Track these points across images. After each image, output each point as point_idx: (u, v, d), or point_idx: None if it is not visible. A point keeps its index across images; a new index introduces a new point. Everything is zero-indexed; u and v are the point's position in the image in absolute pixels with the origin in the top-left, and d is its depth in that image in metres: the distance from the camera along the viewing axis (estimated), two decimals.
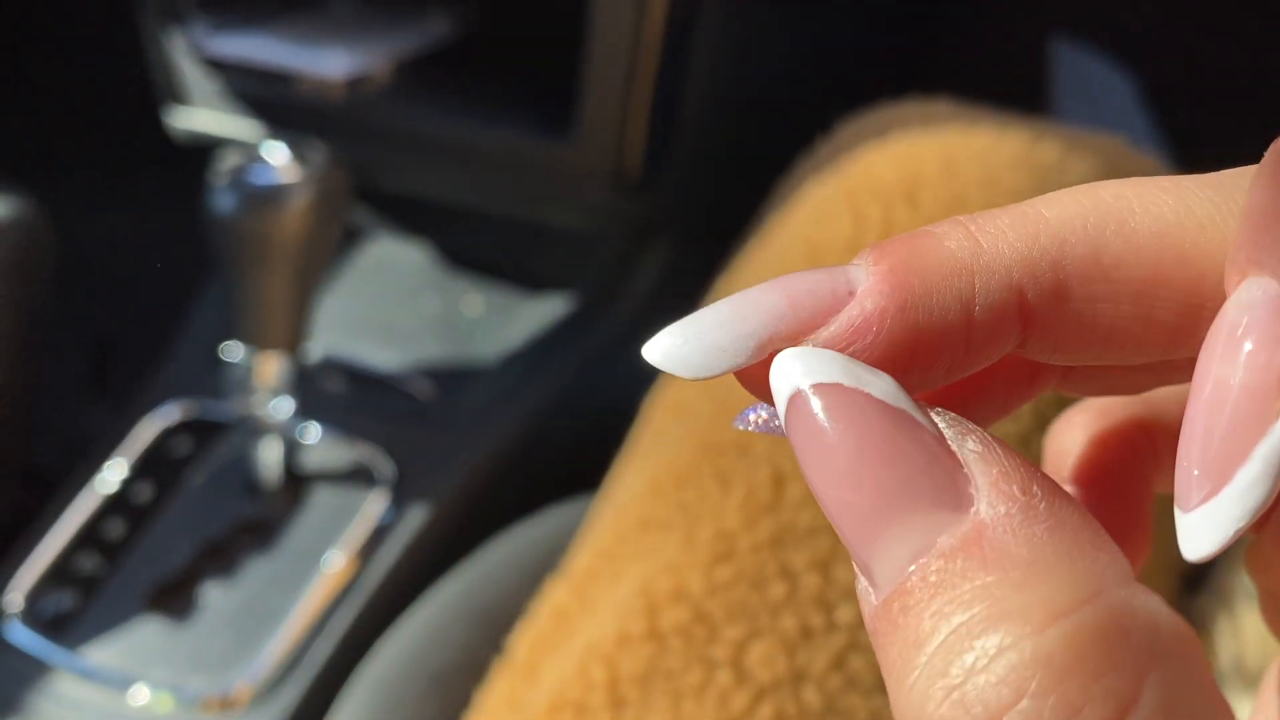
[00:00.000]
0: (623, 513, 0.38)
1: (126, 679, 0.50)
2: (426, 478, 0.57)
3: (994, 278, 0.15)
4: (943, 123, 0.44)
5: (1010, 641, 0.13)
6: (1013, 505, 0.14)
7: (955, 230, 0.15)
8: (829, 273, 0.16)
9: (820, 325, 0.15)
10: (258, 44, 0.59)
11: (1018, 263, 0.15)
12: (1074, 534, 0.14)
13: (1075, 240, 0.15)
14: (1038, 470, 0.14)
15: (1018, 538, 0.13)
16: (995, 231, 0.15)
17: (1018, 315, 0.15)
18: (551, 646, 0.37)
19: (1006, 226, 0.15)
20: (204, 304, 0.66)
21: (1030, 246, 0.15)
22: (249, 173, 0.50)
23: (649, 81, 0.54)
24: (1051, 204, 0.16)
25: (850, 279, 0.16)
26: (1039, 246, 0.15)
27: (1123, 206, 0.16)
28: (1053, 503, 0.14)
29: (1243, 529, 0.14)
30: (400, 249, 0.73)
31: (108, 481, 0.58)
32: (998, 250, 0.15)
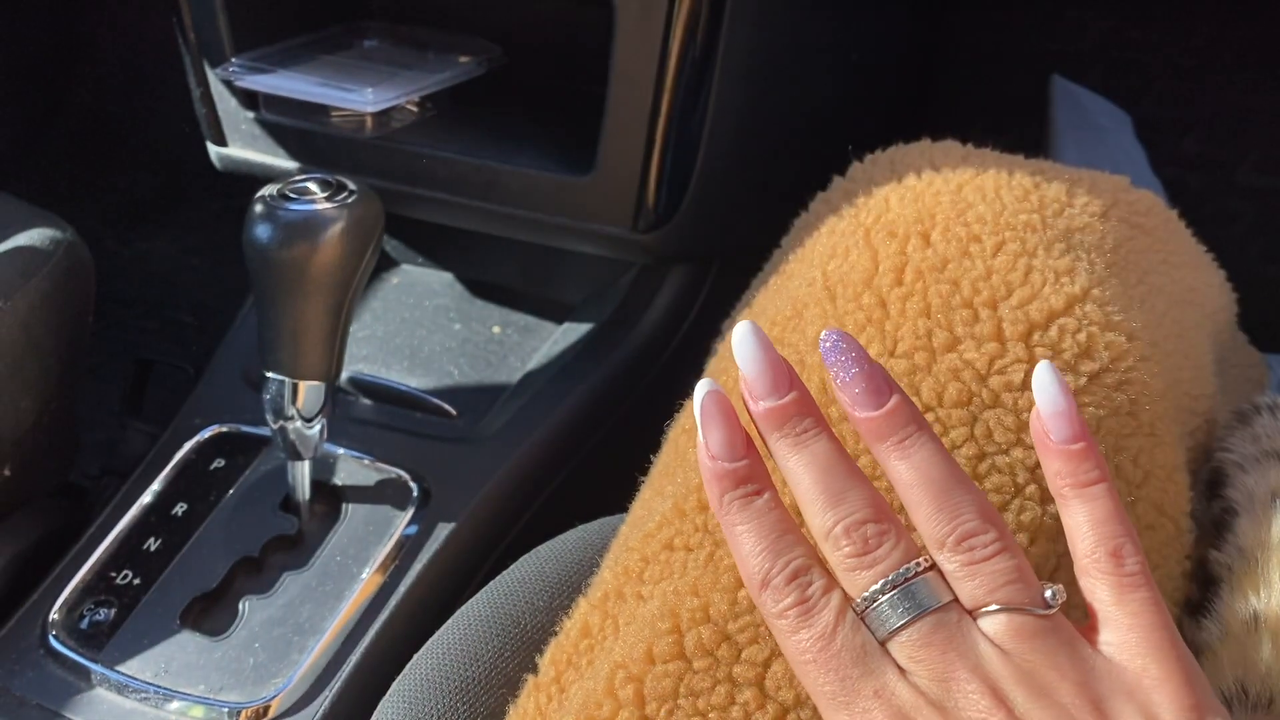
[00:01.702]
0: (648, 535, 0.39)
1: (162, 691, 0.52)
2: (454, 496, 0.59)
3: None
4: (953, 162, 0.45)
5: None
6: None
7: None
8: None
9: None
10: (291, 81, 0.61)
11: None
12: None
13: None
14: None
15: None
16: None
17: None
18: (579, 665, 0.39)
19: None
20: (240, 329, 0.69)
21: None
22: (285, 204, 0.52)
23: (668, 121, 0.56)
24: None
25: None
26: None
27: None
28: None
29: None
30: (427, 275, 0.75)
31: (145, 499, 0.60)
32: None
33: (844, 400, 0.30)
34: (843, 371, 0.30)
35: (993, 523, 0.28)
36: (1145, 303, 0.43)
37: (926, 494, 0.29)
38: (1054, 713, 0.25)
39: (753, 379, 0.30)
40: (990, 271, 0.40)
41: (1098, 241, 0.43)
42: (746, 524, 0.29)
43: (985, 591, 0.27)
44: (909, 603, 0.27)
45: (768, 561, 0.29)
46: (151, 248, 1.11)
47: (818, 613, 0.28)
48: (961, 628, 0.27)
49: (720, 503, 0.30)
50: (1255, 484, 0.39)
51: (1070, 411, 0.30)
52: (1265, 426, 0.41)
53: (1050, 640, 0.27)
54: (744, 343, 0.30)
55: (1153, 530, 0.37)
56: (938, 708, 0.26)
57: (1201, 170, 0.95)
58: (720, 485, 0.30)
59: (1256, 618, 0.34)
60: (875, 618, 0.28)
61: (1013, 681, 0.26)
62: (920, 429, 0.29)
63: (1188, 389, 0.43)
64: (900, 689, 0.27)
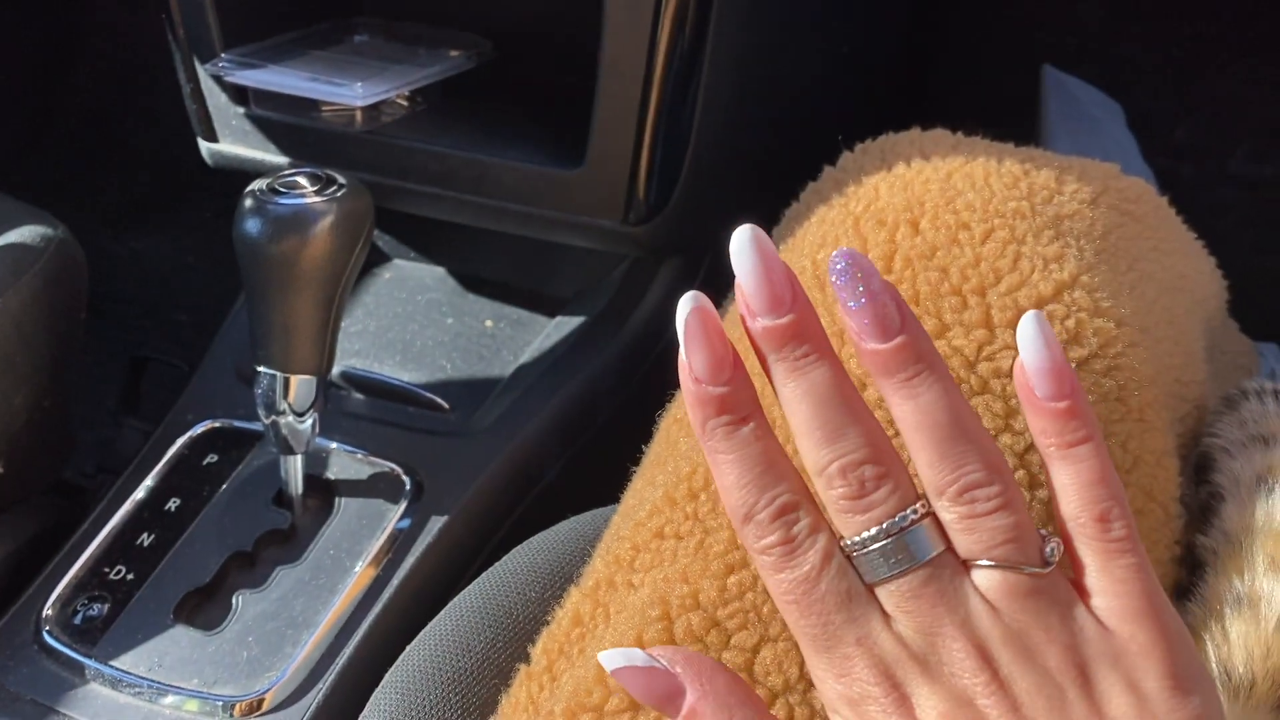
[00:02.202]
0: (639, 524, 0.39)
1: (156, 685, 0.52)
2: (447, 490, 0.59)
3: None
4: (943, 150, 0.45)
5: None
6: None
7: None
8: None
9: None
10: (281, 76, 0.61)
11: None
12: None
13: None
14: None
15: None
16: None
17: None
18: (571, 654, 0.39)
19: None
20: (233, 325, 0.69)
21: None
22: (275, 198, 0.52)
23: (658, 113, 0.56)
24: None
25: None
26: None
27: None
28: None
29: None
30: (419, 270, 0.75)
31: (138, 494, 0.60)
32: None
33: (850, 328, 0.28)
34: (850, 297, 0.27)
35: (998, 475, 0.27)
36: (1135, 289, 0.43)
37: (930, 439, 0.27)
38: (1038, 677, 0.25)
39: (750, 293, 0.28)
40: (979, 259, 0.40)
41: (1087, 228, 0.43)
42: (730, 454, 0.28)
43: (982, 546, 0.26)
44: (902, 553, 0.26)
45: (752, 495, 0.27)
46: (147, 247, 1.11)
47: (802, 554, 0.27)
48: (954, 582, 0.26)
49: (703, 429, 0.28)
50: (1241, 468, 0.39)
51: (1059, 366, 0.28)
52: (1252, 411, 0.41)
53: (1042, 601, 0.26)
54: (743, 251, 0.28)
55: (1142, 515, 0.37)
56: (920, 662, 0.26)
57: (1194, 160, 0.95)
58: (703, 411, 0.28)
59: (1240, 601, 0.35)
60: (865, 563, 0.27)
61: (1000, 642, 0.26)
62: (931, 368, 0.27)
63: (1177, 375, 0.43)
64: (883, 639, 0.26)
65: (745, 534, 0.28)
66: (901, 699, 0.26)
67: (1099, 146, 0.79)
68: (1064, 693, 0.25)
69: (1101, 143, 0.81)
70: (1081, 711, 0.25)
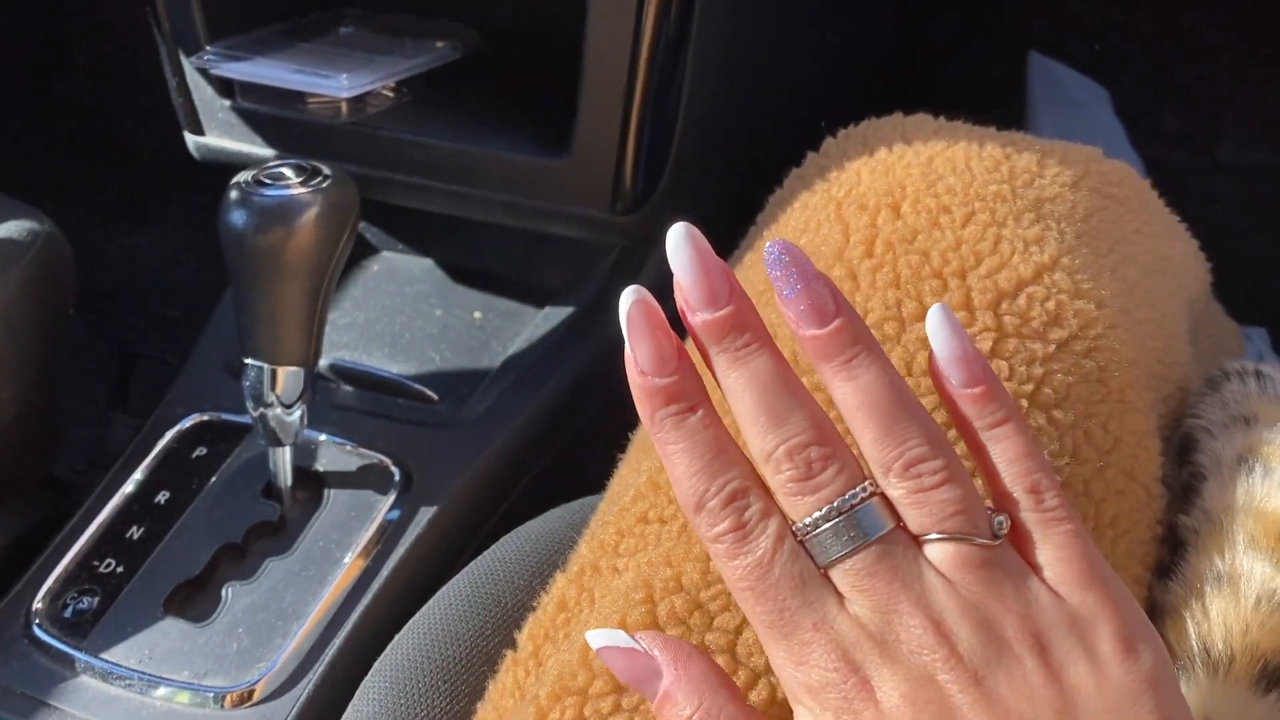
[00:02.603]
0: (623, 510, 0.39)
1: (147, 677, 0.52)
2: (435, 480, 0.59)
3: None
4: (924, 135, 0.46)
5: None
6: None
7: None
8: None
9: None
10: (266, 68, 0.61)
11: None
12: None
13: None
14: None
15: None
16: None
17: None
18: (556, 639, 0.39)
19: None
20: (221, 319, 0.69)
21: None
22: (260, 190, 0.52)
23: (643, 102, 0.56)
24: None
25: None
26: None
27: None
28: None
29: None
30: (407, 262, 0.75)
31: (127, 488, 0.60)
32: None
33: (788, 316, 0.28)
34: (786, 286, 0.28)
35: (940, 449, 0.27)
36: (1116, 271, 0.43)
37: (872, 418, 0.27)
38: (997, 648, 0.25)
39: (688, 287, 0.28)
40: (959, 242, 0.40)
41: (1068, 211, 0.43)
42: (679, 443, 0.28)
43: (932, 520, 0.27)
44: (853, 531, 0.26)
45: (702, 483, 0.27)
46: (138, 243, 1.10)
47: (754, 539, 0.27)
48: (907, 557, 0.26)
49: (652, 421, 0.28)
50: (1222, 448, 0.39)
51: (968, 353, 0.29)
52: (1234, 392, 0.42)
53: (995, 572, 0.26)
54: (679, 247, 0.28)
55: (1123, 495, 0.38)
56: (878, 643, 0.26)
57: (1183, 148, 0.95)
58: (651, 403, 0.28)
59: (1220, 579, 0.35)
60: (817, 545, 0.27)
61: (957, 614, 0.26)
62: (868, 349, 0.28)
63: (1159, 357, 0.43)
64: (840, 622, 0.26)
65: (698, 523, 0.28)
66: (862, 683, 0.26)
67: (1085, 132, 0.79)
68: (1022, 662, 0.25)
69: (1087, 129, 0.81)
70: (1040, 680, 0.25)
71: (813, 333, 0.28)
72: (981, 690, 0.25)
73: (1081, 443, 0.37)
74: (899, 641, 0.26)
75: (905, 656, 0.25)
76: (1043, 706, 0.25)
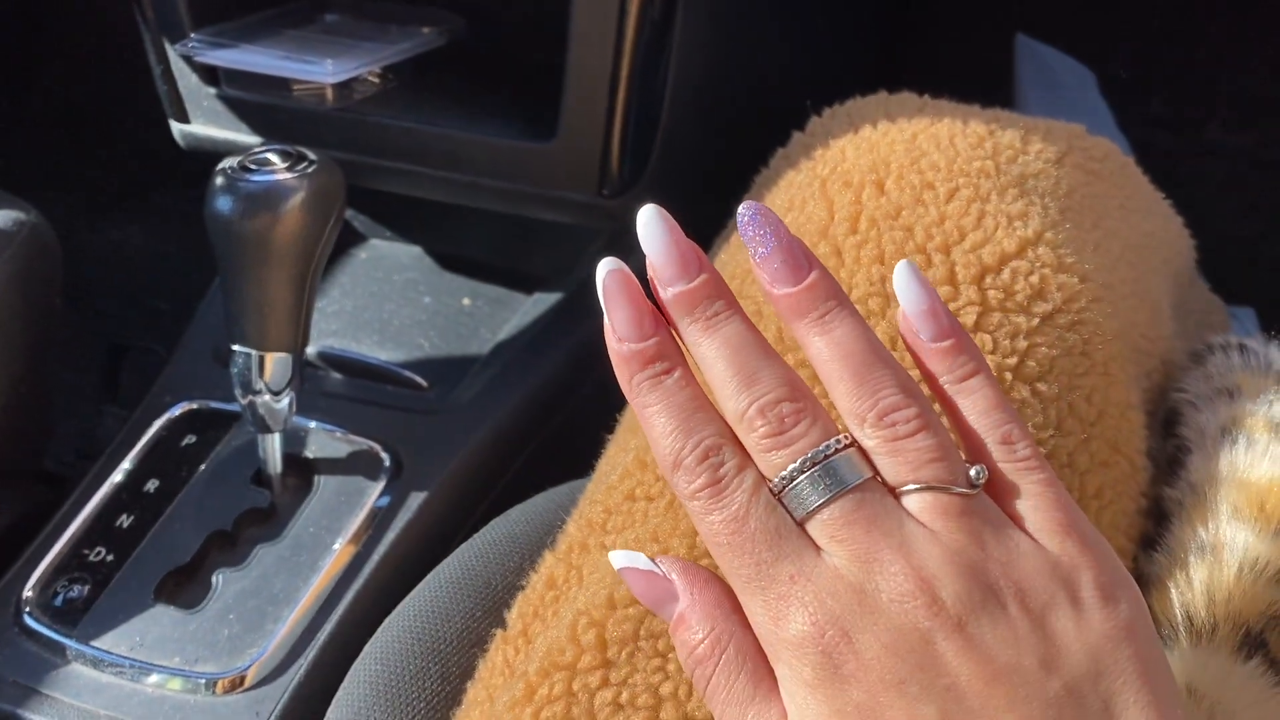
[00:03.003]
0: (611, 488, 0.40)
1: (138, 664, 0.52)
2: (425, 466, 0.59)
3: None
4: (909, 113, 0.46)
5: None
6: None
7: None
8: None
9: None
10: (251, 55, 0.61)
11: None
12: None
13: None
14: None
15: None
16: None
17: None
18: (545, 616, 0.39)
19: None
20: (209, 308, 0.68)
21: None
22: (245, 176, 0.52)
23: (629, 84, 0.56)
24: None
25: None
26: None
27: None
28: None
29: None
30: (395, 249, 0.75)
31: (116, 476, 0.60)
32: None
33: (761, 277, 0.29)
34: (760, 246, 0.28)
35: (915, 398, 0.27)
36: (1100, 246, 0.43)
37: (846, 369, 0.27)
38: (980, 595, 0.25)
39: (660, 264, 0.29)
40: (943, 217, 0.40)
41: (1052, 187, 0.43)
42: (657, 404, 0.28)
43: (909, 469, 0.26)
44: (829, 479, 0.26)
45: (678, 440, 0.27)
46: (126, 235, 1.10)
47: (730, 494, 0.27)
48: (885, 506, 0.26)
49: (630, 385, 0.28)
50: (1206, 421, 0.40)
51: (936, 307, 0.29)
52: (1217, 365, 0.42)
53: (975, 520, 0.26)
54: (649, 226, 0.29)
55: (1107, 467, 0.38)
56: (858, 593, 0.25)
57: (1170, 130, 0.96)
58: (629, 367, 0.29)
59: (1203, 548, 0.35)
60: (793, 498, 0.27)
61: (940, 562, 0.25)
62: (841, 304, 0.28)
63: (1143, 331, 0.43)
64: (818, 573, 0.26)
65: (676, 482, 0.28)
66: (841, 634, 0.25)
67: (1071, 115, 0.79)
68: (1006, 609, 0.25)
69: (1074, 110, 0.81)
70: (1024, 627, 0.25)
71: (786, 291, 0.28)
72: (965, 637, 0.24)
73: (1066, 415, 0.37)
74: (879, 591, 0.25)
75: (886, 606, 0.25)
76: (1027, 653, 0.24)
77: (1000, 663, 0.24)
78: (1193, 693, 0.32)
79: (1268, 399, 0.39)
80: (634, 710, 0.33)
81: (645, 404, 0.28)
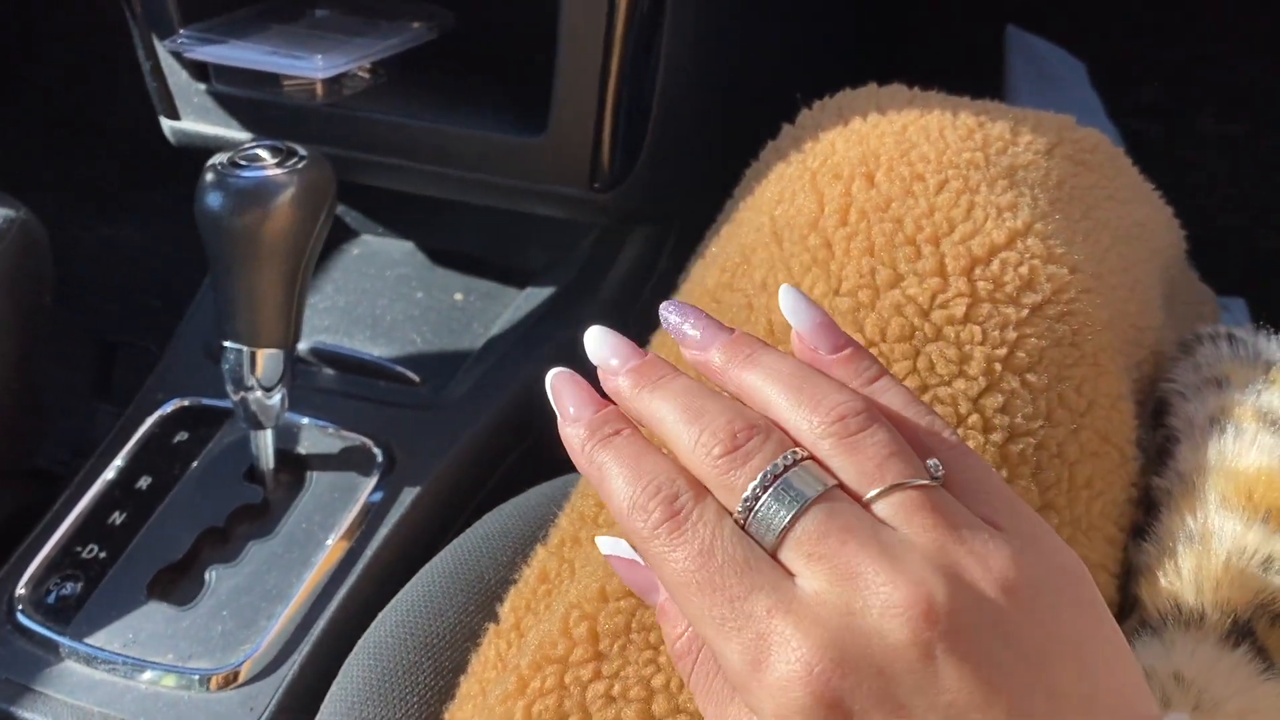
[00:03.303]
0: None
1: (132, 661, 0.52)
2: (417, 461, 0.59)
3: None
4: (899, 105, 0.46)
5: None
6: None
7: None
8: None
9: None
10: (241, 50, 0.61)
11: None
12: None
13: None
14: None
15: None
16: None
17: None
18: (538, 610, 0.39)
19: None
20: (201, 305, 0.68)
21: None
22: (236, 172, 0.52)
23: (619, 78, 0.56)
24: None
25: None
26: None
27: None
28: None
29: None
30: (387, 245, 0.75)
31: (109, 474, 0.60)
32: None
33: (693, 356, 0.29)
34: (687, 330, 0.29)
35: (859, 399, 0.26)
36: (1090, 237, 0.43)
37: (786, 386, 0.27)
38: (972, 596, 0.23)
39: (605, 360, 0.29)
40: (933, 209, 0.40)
41: (1041, 178, 0.44)
42: (609, 459, 0.27)
43: (872, 466, 0.25)
44: (792, 493, 0.24)
45: (630, 485, 0.26)
46: (116, 232, 1.10)
47: (691, 525, 0.25)
48: (855, 514, 0.24)
49: (582, 454, 0.28)
50: (1195, 411, 0.40)
51: (826, 321, 0.29)
52: (1206, 355, 0.42)
53: (943, 515, 0.24)
54: (595, 337, 0.30)
55: (1097, 457, 0.38)
56: (844, 613, 0.23)
57: (1161, 120, 0.96)
58: (578, 439, 0.28)
59: (1191, 537, 0.35)
60: (759, 523, 0.25)
61: (922, 566, 0.23)
62: (765, 347, 0.28)
63: (1133, 321, 0.43)
64: (798, 601, 0.23)
65: (631, 528, 0.26)
66: (833, 668, 0.23)
67: (1062, 105, 0.79)
68: (999, 609, 0.23)
69: (1065, 101, 0.81)
70: (1019, 620, 0.23)
71: (710, 351, 0.29)
72: (965, 645, 0.22)
73: (1055, 406, 0.37)
74: (868, 609, 0.23)
75: (877, 623, 0.23)
76: (1031, 653, 0.23)
77: (1005, 669, 0.23)
78: (1180, 680, 0.33)
79: (1256, 389, 0.39)
80: (626, 703, 0.33)
81: (600, 464, 0.27)
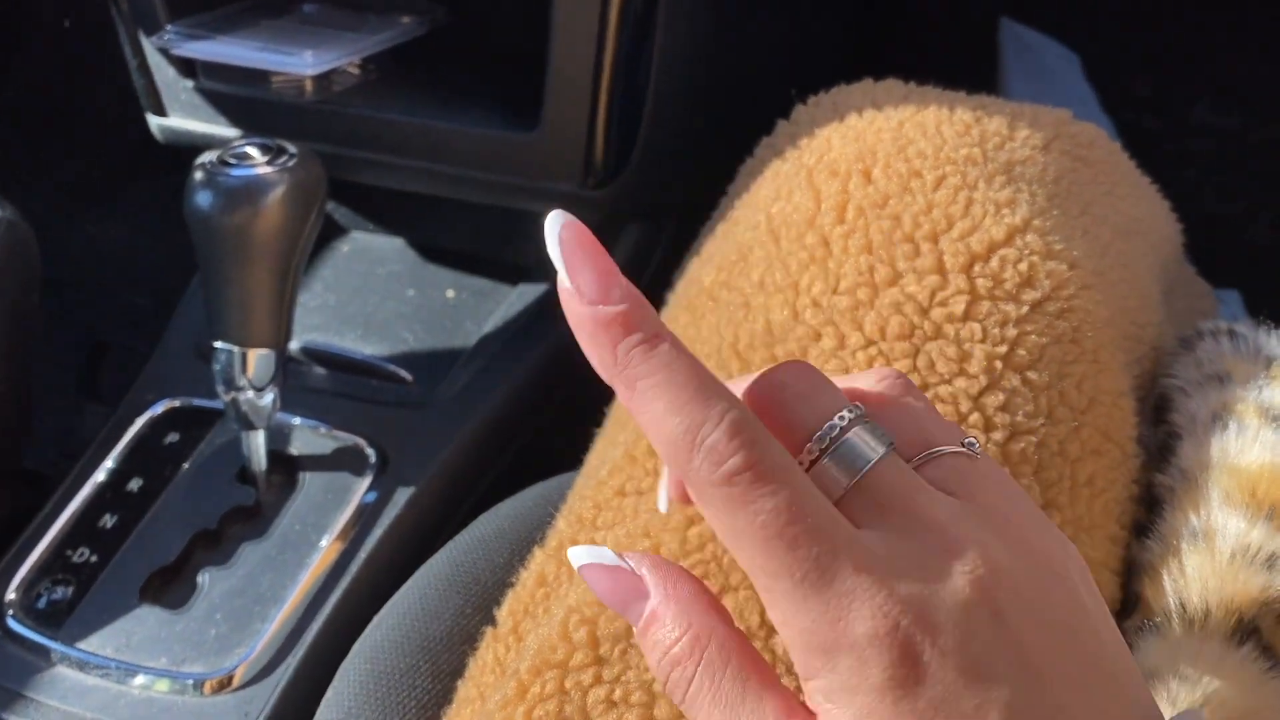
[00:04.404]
0: (600, 483, 0.39)
1: (124, 666, 0.52)
2: (411, 461, 0.58)
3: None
4: (895, 100, 0.45)
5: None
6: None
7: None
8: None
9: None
10: (229, 46, 0.60)
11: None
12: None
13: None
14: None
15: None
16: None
17: None
18: (536, 614, 0.39)
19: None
20: (191, 304, 0.68)
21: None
22: (225, 170, 0.52)
23: (612, 74, 0.55)
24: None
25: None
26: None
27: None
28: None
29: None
30: (378, 242, 0.74)
31: (99, 476, 0.59)
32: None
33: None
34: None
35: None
36: (1089, 233, 0.43)
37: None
38: (1024, 548, 0.23)
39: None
40: (931, 206, 0.40)
41: (1039, 174, 0.43)
42: (653, 376, 0.23)
43: (914, 430, 0.24)
44: (872, 438, 0.23)
45: (696, 413, 0.22)
46: (105, 231, 1.09)
47: (780, 475, 0.22)
48: (911, 471, 0.24)
49: (614, 356, 0.23)
50: (1197, 407, 0.40)
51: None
52: (1207, 351, 0.42)
53: (995, 475, 0.24)
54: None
55: (1099, 455, 0.38)
56: (921, 568, 0.22)
57: (1155, 111, 0.96)
58: (608, 334, 0.23)
59: (1195, 535, 0.35)
60: (827, 471, 0.23)
61: (978, 526, 0.23)
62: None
63: (1133, 317, 0.43)
64: (878, 556, 0.22)
65: (696, 467, 0.22)
66: (917, 623, 0.22)
67: (1057, 98, 0.79)
68: (1037, 562, 0.23)
69: (1059, 94, 0.81)
70: (1050, 579, 0.23)
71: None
72: (1026, 600, 0.22)
73: (1056, 403, 0.37)
74: (946, 567, 0.22)
75: (955, 579, 0.22)
76: (1069, 607, 0.23)
77: (1060, 624, 0.22)
78: (1185, 679, 0.32)
79: (1258, 384, 0.39)
80: (627, 708, 0.33)
81: (637, 377, 0.23)
